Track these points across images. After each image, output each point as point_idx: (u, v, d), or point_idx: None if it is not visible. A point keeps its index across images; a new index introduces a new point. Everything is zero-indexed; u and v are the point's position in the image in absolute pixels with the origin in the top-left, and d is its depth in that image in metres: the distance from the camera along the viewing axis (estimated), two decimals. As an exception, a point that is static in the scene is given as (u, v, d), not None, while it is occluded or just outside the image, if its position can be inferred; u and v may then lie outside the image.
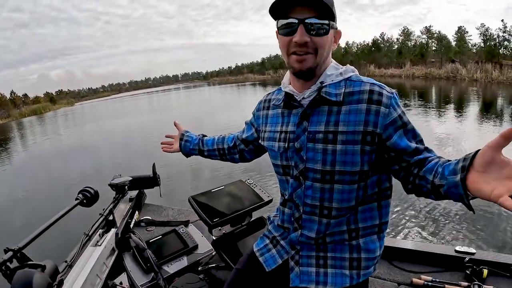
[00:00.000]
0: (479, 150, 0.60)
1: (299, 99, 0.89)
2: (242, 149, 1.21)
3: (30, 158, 11.00)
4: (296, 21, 0.80)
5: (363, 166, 0.83)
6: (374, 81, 0.85)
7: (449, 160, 0.73)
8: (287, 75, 0.96)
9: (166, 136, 1.41)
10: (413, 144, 0.82)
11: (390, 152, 0.82)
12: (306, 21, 0.80)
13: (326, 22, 0.81)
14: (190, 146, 1.31)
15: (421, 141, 0.84)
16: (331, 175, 0.85)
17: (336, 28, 0.87)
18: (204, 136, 1.34)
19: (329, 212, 0.88)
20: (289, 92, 0.92)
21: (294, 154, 0.90)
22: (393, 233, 3.32)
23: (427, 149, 0.82)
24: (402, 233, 3.32)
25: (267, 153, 1.09)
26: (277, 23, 0.87)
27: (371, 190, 0.89)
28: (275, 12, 0.84)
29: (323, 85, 0.85)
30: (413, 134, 0.84)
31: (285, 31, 0.84)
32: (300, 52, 0.83)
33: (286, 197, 0.98)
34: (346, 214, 0.89)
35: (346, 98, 0.84)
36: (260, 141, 1.08)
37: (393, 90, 0.84)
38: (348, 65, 0.92)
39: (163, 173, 1.23)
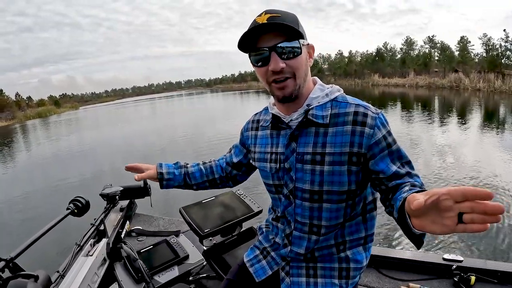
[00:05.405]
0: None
1: (286, 121, 0.90)
2: (235, 174, 1.17)
3: (26, 164, 10.82)
4: (267, 49, 0.79)
5: (350, 186, 0.84)
6: (360, 102, 0.85)
7: (414, 187, 0.71)
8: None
9: (128, 168, 1.13)
10: (393, 167, 0.79)
11: (372, 174, 0.82)
12: (278, 46, 0.79)
13: (297, 43, 0.80)
14: (175, 184, 1.14)
15: (407, 163, 0.82)
16: (319, 194, 0.86)
17: (308, 44, 0.86)
18: (184, 166, 1.16)
19: (318, 230, 0.90)
20: (276, 114, 0.93)
21: (284, 174, 0.92)
22: (382, 242, 3.31)
23: (409, 174, 0.79)
24: (390, 242, 3.31)
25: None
26: (249, 55, 0.86)
27: (358, 206, 0.90)
28: (243, 45, 0.83)
29: (310, 107, 0.86)
30: (398, 156, 0.81)
31: (258, 62, 0.83)
32: (279, 79, 0.82)
33: (278, 214, 0.99)
34: (334, 230, 0.91)
35: (332, 119, 0.84)
36: (251, 161, 1.08)
37: (379, 111, 0.84)
38: (333, 85, 0.92)
39: (154, 183, 1.22)
